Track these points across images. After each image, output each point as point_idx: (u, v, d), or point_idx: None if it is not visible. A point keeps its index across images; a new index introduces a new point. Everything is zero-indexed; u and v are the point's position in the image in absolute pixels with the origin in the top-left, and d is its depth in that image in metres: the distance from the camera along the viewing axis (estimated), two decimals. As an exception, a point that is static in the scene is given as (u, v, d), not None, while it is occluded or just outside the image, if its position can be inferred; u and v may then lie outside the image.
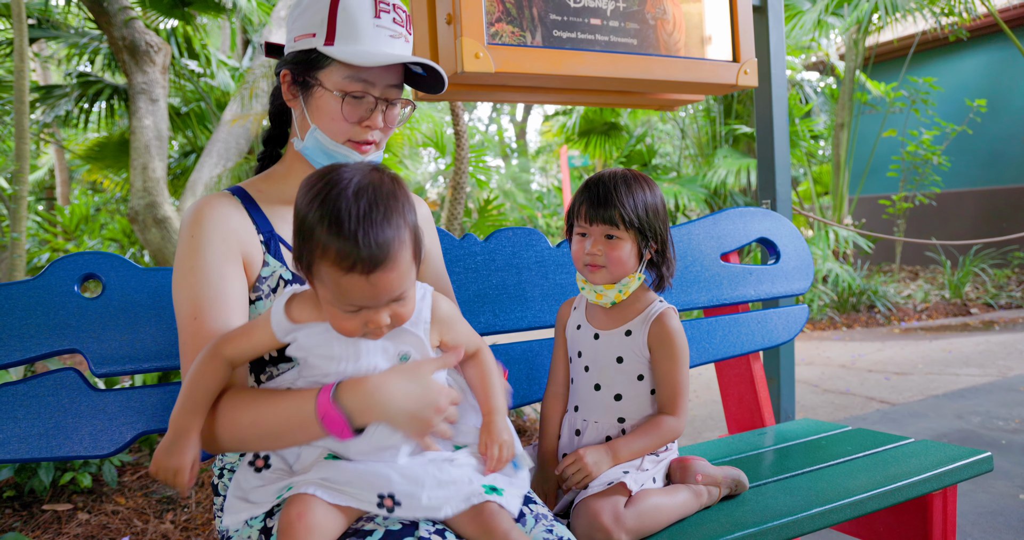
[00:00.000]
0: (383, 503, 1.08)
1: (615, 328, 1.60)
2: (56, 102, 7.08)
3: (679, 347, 1.55)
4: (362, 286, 1.03)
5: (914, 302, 8.00)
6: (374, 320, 1.08)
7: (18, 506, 2.94)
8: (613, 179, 1.56)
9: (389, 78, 1.32)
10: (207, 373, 1.13)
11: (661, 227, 1.58)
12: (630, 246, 1.54)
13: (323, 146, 1.33)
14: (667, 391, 1.56)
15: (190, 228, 1.26)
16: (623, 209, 1.51)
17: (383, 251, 1.02)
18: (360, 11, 1.28)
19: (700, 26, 2.57)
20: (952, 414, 4.05)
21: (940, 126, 8.62)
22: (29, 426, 1.45)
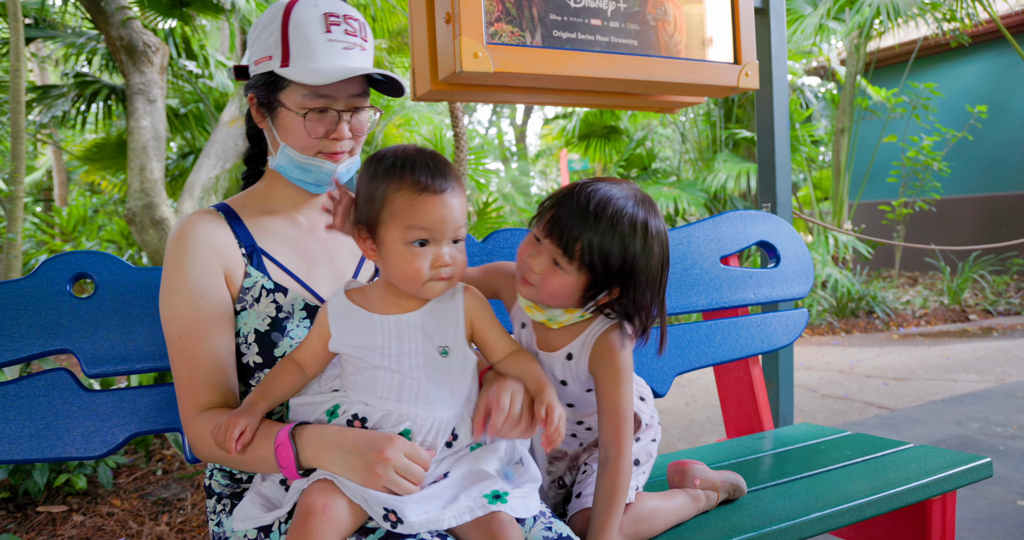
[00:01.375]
0: (388, 517, 1.08)
1: (555, 350, 1.38)
2: (53, 102, 7.07)
3: (622, 367, 1.33)
4: (435, 204, 1.13)
5: (913, 308, 7.99)
6: (439, 256, 1.14)
7: (12, 508, 2.92)
8: (606, 201, 1.24)
9: (350, 89, 1.35)
10: (282, 373, 1.24)
11: (641, 278, 1.26)
12: (576, 283, 1.26)
13: (295, 161, 1.36)
14: (610, 422, 1.33)
15: (174, 247, 1.32)
16: (586, 245, 1.23)
17: (449, 175, 1.16)
18: (311, 28, 1.30)
19: (701, 28, 2.56)
20: (951, 420, 4.04)
21: (941, 132, 8.62)
22: (20, 427, 1.43)
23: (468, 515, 1.09)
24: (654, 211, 1.29)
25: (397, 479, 1.08)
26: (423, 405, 1.17)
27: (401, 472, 1.09)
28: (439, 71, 2.19)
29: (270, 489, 1.23)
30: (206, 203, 5.69)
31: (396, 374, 1.17)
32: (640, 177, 9.33)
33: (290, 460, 1.15)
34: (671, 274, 2.09)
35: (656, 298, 1.31)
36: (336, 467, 1.12)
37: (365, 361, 1.18)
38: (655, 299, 1.30)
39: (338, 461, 1.12)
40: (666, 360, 2.05)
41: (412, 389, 1.17)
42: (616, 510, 1.30)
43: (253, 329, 1.32)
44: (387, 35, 7.10)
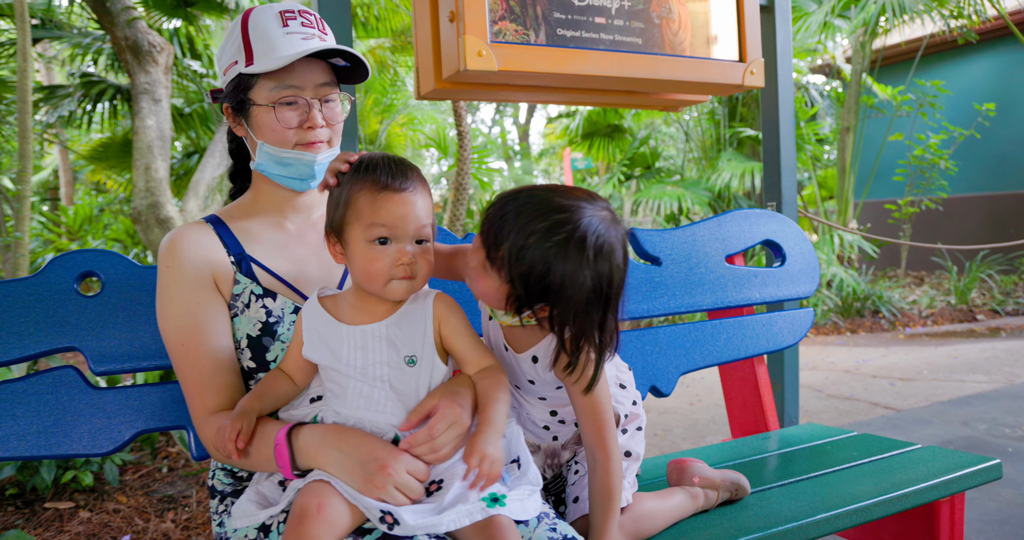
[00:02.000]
0: (384, 519, 1.08)
1: (521, 351, 1.32)
2: (59, 102, 7.09)
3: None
4: (395, 202, 1.15)
5: (919, 308, 7.96)
6: (401, 253, 1.15)
7: (20, 504, 2.93)
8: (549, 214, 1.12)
9: (315, 77, 1.37)
10: (274, 380, 1.27)
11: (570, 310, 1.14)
12: (499, 291, 1.18)
13: (274, 157, 1.38)
14: (590, 427, 1.28)
15: (165, 259, 1.34)
16: (507, 255, 1.13)
17: (411, 176, 1.19)
18: (269, 25, 1.34)
19: (706, 25, 2.55)
20: (958, 421, 4.02)
21: (948, 130, 8.57)
22: (28, 424, 1.44)
23: (467, 519, 1.08)
24: (611, 241, 1.15)
25: (394, 493, 1.09)
26: (391, 415, 1.18)
27: (400, 488, 1.09)
28: (443, 70, 2.19)
29: (268, 488, 1.24)
30: (211, 202, 5.70)
31: (364, 384, 1.19)
32: (644, 176, 9.32)
33: (286, 460, 1.16)
34: (676, 273, 2.09)
35: (591, 333, 1.17)
36: (335, 469, 1.13)
37: (336, 371, 1.20)
38: (589, 335, 1.17)
39: (337, 464, 1.13)
40: (671, 359, 2.05)
41: (380, 399, 1.19)
42: (613, 511, 1.29)
43: (245, 334, 1.34)
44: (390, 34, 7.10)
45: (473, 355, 1.24)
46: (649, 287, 2.04)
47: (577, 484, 1.43)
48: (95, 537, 2.68)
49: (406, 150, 9.57)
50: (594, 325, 1.17)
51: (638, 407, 1.50)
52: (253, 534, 1.19)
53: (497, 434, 1.15)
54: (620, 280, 1.18)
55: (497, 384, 1.21)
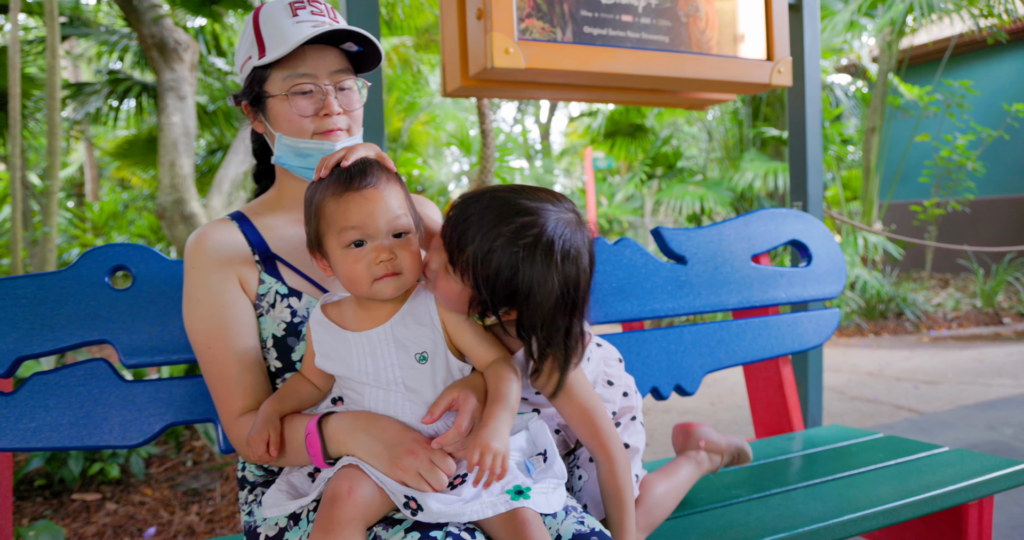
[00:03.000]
0: (408, 504, 1.09)
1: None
2: (86, 99, 7.18)
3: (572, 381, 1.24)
4: (358, 202, 1.14)
5: (944, 310, 7.87)
6: (378, 251, 1.13)
7: (48, 495, 2.98)
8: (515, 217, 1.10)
9: (328, 63, 1.35)
10: (296, 384, 1.27)
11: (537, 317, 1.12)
12: (461, 295, 1.14)
13: (293, 148, 1.36)
14: (583, 429, 1.27)
15: (191, 260, 1.34)
16: (470, 262, 1.10)
17: (372, 172, 1.16)
18: (278, 17, 1.33)
19: (733, 24, 2.54)
20: (983, 425, 3.97)
21: (975, 131, 8.46)
22: (60, 415, 1.46)
23: (490, 510, 1.09)
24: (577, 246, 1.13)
25: (418, 478, 1.09)
26: (410, 416, 1.18)
27: (424, 475, 1.10)
28: (470, 67, 2.20)
29: (298, 479, 1.25)
30: (234, 198, 5.75)
31: (379, 389, 1.19)
32: (666, 176, 9.29)
33: (317, 448, 1.17)
34: (701, 272, 2.08)
35: (556, 341, 1.15)
36: (362, 452, 1.13)
37: (350, 379, 1.21)
38: (555, 343, 1.15)
39: (365, 446, 1.14)
40: (695, 358, 2.04)
41: (396, 402, 1.18)
42: (628, 509, 1.28)
43: (271, 334, 1.33)
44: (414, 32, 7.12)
45: (479, 350, 1.21)
46: (674, 286, 2.03)
47: (585, 490, 1.40)
48: (121, 529, 2.72)
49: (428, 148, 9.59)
50: (560, 331, 1.14)
51: (630, 398, 1.46)
52: (283, 522, 1.20)
53: (501, 427, 1.11)
54: (587, 285, 1.16)
55: (501, 378, 1.17)
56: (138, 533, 2.69)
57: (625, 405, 1.45)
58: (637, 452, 1.44)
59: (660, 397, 1.97)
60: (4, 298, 1.46)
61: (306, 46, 1.32)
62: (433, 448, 1.12)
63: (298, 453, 1.21)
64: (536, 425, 1.27)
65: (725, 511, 1.58)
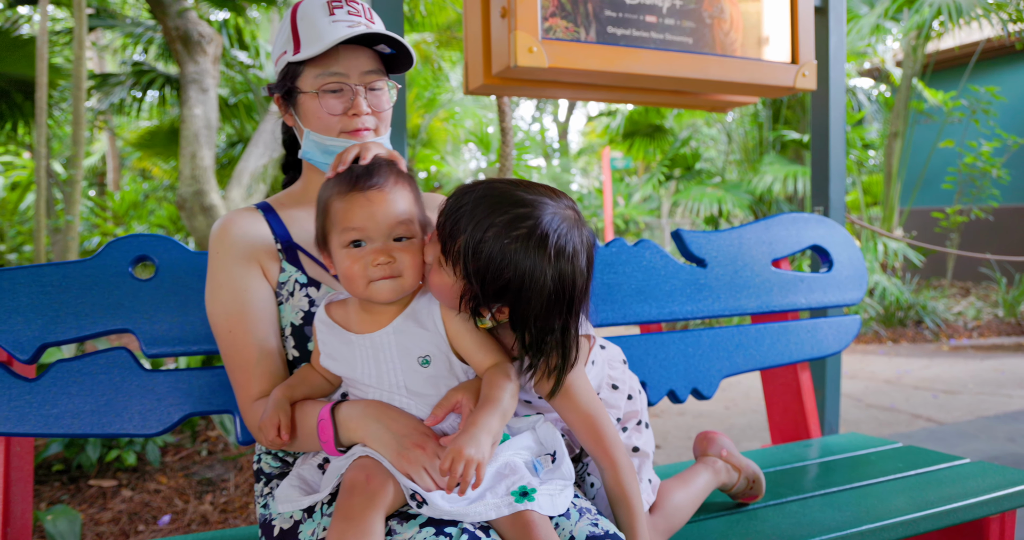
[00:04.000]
0: (414, 496, 1.09)
1: None
2: (111, 90, 7.24)
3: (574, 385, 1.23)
4: (361, 202, 1.14)
5: (965, 319, 7.79)
6: (376, 252, 1.14)
7: (66, 480, 3.02)
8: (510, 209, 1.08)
9: (360, 64, 1.37)
10: (307, 373, 1.29)
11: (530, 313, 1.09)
12: (454, 289, 1.12)
13: (319, 145, 1.38)
14: (586, 435, 1.25)
15: (215, 245, 1.36)
16: (461, 252, 1.08)
17: (381, 174, 1.17)
18: (316, 15, 1.35)
19: (758, 26, 2.52)
20: (1004, 437, 3.93)
21: (1001, 138, 8.36)
22: (82, 402, 1.48)
23: (493, 512, 1.09)
24: (576, 246, 1.11)
25: (421, 473, 1.09)
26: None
27: (428, 470, 1.10)
28: (493, 65, 2.20)
29: (308, 472, 1.26)
30: (254, 191, 5.78)
31: (382, 392, 1.20)
32: (684, 177, 9.25)
33: (329, 435, 1.18)
34: (721, 275, 2.07)
35: (552, 339, 1.12)
36: (372, 439, 1.14)
37: (355, 381, 1.22)
38: (550, 340, 1.12)
39: (375, 434, 1.14)
40: (713, 362, 2.03)
41: (399, 404, 1.20)
42: (636, 514, 1.26)
43: (289, 322, 1.35)
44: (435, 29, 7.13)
45: (478, 355, 1.19)
46: (694, 289, 2.02)
47: (600, 497, 1.37)
48: (136, 516, 2.75)
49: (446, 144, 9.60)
50: (556, 331, 1.11)
51: (635, 401, 1.43)
52: (298, 515, 1.21)
53: (480, 435, 1.07)
54: (584, 285, 1.13)
55: (493, 383, 1.15)
56: (153, 520, 2.71)
57: (630, 409, 1.43)
58: (647, 457, 1.43)
59: (677, 400, 1.96)
60: (29, 285, 1.48)
61: (340, 46, 1.34)
62: (441, 445, 1.13)
63: (311, 439, 1.22)
64: (545, 427, 1.27)
65: (741, 517, 1.57)
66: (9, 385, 1.45)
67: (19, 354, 1.46)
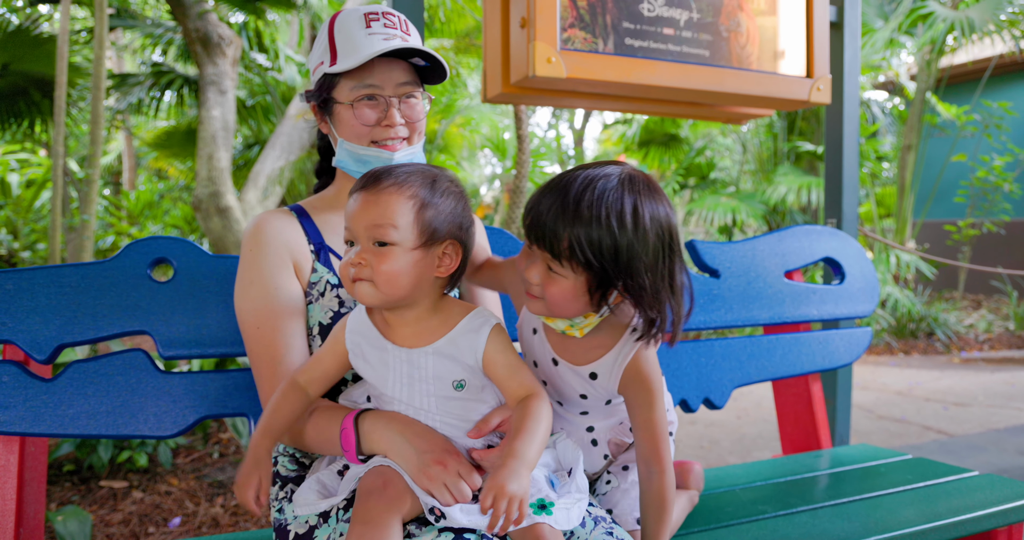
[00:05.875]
0: (432, 511, 1.10)
1: (578, 364, 1.29)
2: (129, 90, 7.31)
3: (655, 390, 1.27)
4: (355, 202, 1.16)
5: (976, 332, 7.74)
6: (356, 254, 1.14)
7: (77, 480, 3.03)
8: (584, 190, 1.12)
9: (396, 76, 1.40)
10: (284, 403, 1.22)
11: (640, 265, 1.13)
12: (577, 286, 1.16)
13: (352, 154, 1.42)
14: (648, 439, 1.27)
15: (249, 243, 1.38)
16: (572, 241, 1.10)
17: (384, 178, 1.16)
18: (353, 27, 1.38)
19: (774, 40, 2.53)
20: (1014, 450, 3.91)
21: (1013, 153, 8.33)
22: (98, 403, 1.50)
23: (511, 525, 1.09)
24: (648, 190, 1.16)
25: (443, 489, 1.10)
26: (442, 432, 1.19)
27: (449, 486, 1.10)
28: (511, 74, 2.21)
29: (327, 476, 1.26)
30: (270, 193, 5.82)
31: (410, 408, 1.20)
32: (698, 186, 9.23)
33: (352, 444, 1.19)
34: (734, 286, 2.08)
35: (664, 287, 1.16)
36: (394, 453, 1.15)
37: (382, 392, 1.21)
38: (663, 289, 1.16)
39: (397, 449, 1.15)
40: (725, 373, 2.03)
41: (424, 421, 1.20)
42: (667, 521, 1.29)
43: (318, 322, 1.37)
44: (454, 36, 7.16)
45: (511, 383, 1.19)
46: (707, 299, 2.03)
47: (609, 495, 1.40)
48: (147, 518, 2.76)
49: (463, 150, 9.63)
50: (666, 276, 1.16)
51: (670, 412, 1.47)
52: (314, 520, 1.22)
53: (523, 468, 1.06)
54: (674, 224, 1.18)
55: (531, 414, 1.14)
56: (163, 522, 2.73)
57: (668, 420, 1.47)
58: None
59: (689, 410, 1.97)
60: (48, 286, 1.50)
61: (375, 59, 1.37)
62: (461, 461, 1.14)
63: (330, 442, 1.22)
64: (564, 443, 1.28)
65: (751, 527, 1.58)
66: (26, 385, 1.47)
67: (36, 354, 1.48)
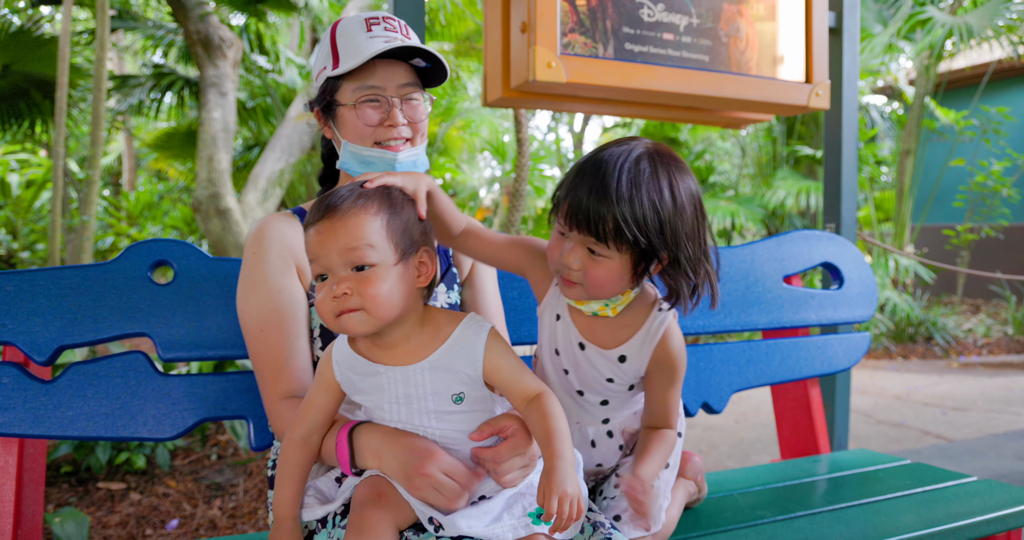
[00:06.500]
0: (432, 520, 1.10)
1: (607, 348, 1.29)
2: (130, 91, 7.32)
3: (680, 370, 1.30)
4: (317, 232, 1.08)
5: (975, 336, 7.75)
6: (335, 287, 1.07)
7: (74, 482, 3.03)
8: (618, 169, 1.13)
9: (397, 77, 1.41)
10: (291, 461, 1.19)
11: (682, 235, 1.16)
12: (621, 265, 1.18)
13: (356, 155, 1.42)
14: (660, 410, 1.32)
15: (252, 246, 1.39)
16: (618, 221, 1.12)
17: (339, 203, 1.09)
18: (354, 31, 1.40)
19: (773, 45, 2.54)
20: (1012, 455, 3.91)
21: (1011, 157, 8.35)
22: (97, 405, 1.50)
23: (511, 534, 1.10)
24: (674, 162, 1.19)
25: (434, 494, 1.10)
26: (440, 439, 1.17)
27: (438, 488, 1.10)
28: (511, 79, 2.22)
29: (325, 483, 1.27)
30: (270, 195, 5.82)
31: (407, 425, 1.17)
32: (697, 190, 9.25)
33: (346, 458, 1.18)
34: (733, 290, 2.08)
35: (701, 252, 1.20)
36: (385, 468, 1.15)
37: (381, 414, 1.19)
38: (700, 254, 1.20)
39: (387, 464, 1.14)
40: (723, 377, 2.04)
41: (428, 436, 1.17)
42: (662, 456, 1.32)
43: (319, 324, 1.39)
44: (454, 39, 7.18)
45: (519, 386, 1.14)
46: (705, 303, 2.03)
47: (619, 500, 1.38)
48: (144, 520, 2.76)
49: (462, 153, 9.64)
50: (703, 243, 1.20)
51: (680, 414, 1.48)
52: (313, 525, 1.23)
53: (571, 468, 1.05)
54: (700, 192, 1.22)
55: (551, 414, 1.11)
56: (160, 524, 2.73)
57: None
58: (675, 472, 1.47)
59: (687, 414, 1.97)
60: (48, 287, 1.51)
61: (377, 60, 1.38)
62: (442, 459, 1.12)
63: (332, 458, 1.22)
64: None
65: (749, 532, 1.58)
66: (25, 386, 1.47)
67: (36, 356, 1.48)
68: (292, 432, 1.19)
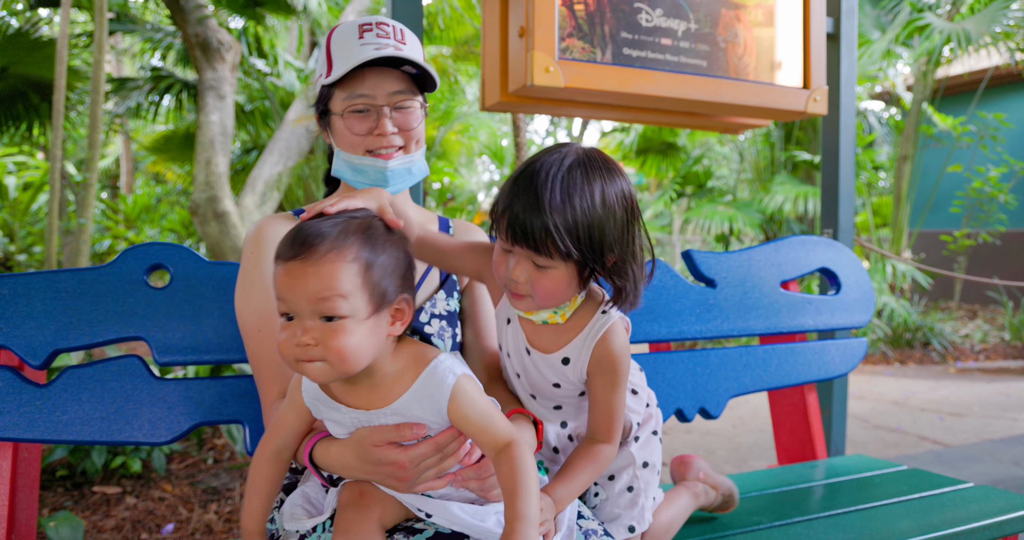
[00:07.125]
0: (421, 509, 1.11)
1: (550, 352, 1.28)
2: (128, 94, 7.32)
3: (621, 372, 1.26)
4: (282, 273, 1.01)
5: (972, 342, 7.76)
6: (302, 331, 0.99)
7: (70, 486, 3.02)
8: (551, 179, 1.13)
9: (387, 85, 1.39)
10: (261, 475, 1.17)
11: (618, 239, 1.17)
12: (568, 273, 1.17)
13: (348, 163, 1.42)
14: (602, 417, 1.28)
15: (250, 246, 1.38)
16: (558, 235, 1.11)
17: (313, 242, 1.01)
18: (347, 39, 1.39)
19: (771, 51, 2.54)
20: (1009, 460, 3.91)
21: (1008, 164, 8.37)
22: (92, 409, 1.49)
23: (499, 529, 1.10)
24: (606, 165, 1.18)
25: (418, 481, 1.09)
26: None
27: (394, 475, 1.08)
28: (509, 83, 2.22)
29: (313, 489, 1.26)
30: (268, 198, 5.81)
31: None
32: (696, 195, 9.26)
33: (318, 474, 1.18)
34: (730, 296, 2.08)
35: (630, 254, 1.19)
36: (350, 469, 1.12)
37: None
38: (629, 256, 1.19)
39: (347, 462, 1.12)
40: (721, 382, 2.03)
41: None
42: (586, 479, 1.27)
43: None
44: (453, 43, 7.18)
45: (486, 435, 1.08)
46: (703, 309, 2.03)
47: (600, 507, 1.38)
48: (140, 524, 2.75)
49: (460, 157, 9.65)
50: (630, 245, 1.19)
51: (651, 408, 1.46)
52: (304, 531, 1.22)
53: (531, 529, 1.00)
54: (634, 193, 1.21)
55: (521, 468, 1.05)
56: (156, 529, 2.72)
57: (647, 414, 1.44)
58: (657, 471, 1.44)
59: (684, 419, 1.97)
60: (44, 291, 1.50)
61: (367, 68, 1.37)
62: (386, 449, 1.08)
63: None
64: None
65: (746, 537, 1.58)
66: (20, 390, 1.46)
67: (31, 359, 1.47)
68: (263, 447, 1.17)
